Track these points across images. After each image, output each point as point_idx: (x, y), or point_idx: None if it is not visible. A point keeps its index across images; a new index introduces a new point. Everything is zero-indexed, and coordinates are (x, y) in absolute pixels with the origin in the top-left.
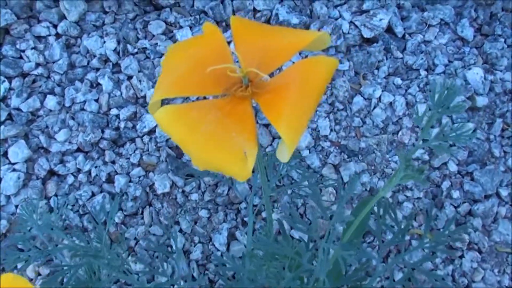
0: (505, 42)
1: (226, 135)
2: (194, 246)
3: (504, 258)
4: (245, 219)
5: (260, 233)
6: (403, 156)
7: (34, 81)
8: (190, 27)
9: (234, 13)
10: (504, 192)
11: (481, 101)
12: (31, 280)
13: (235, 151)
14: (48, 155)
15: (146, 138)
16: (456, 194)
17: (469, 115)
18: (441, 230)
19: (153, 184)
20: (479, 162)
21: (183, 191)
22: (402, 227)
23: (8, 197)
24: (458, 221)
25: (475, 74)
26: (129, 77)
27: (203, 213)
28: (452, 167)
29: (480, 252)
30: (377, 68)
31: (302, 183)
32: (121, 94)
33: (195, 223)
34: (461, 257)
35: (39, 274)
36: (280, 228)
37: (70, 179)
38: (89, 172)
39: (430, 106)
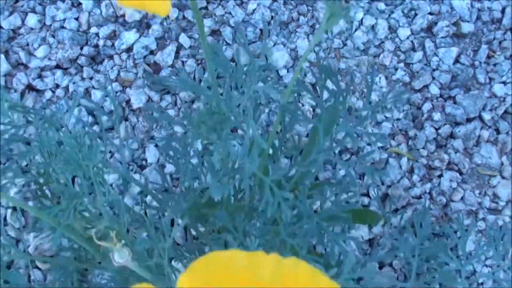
0: None
1: None
2: (168, 160)
3: (486, 180)
4: None
5: None
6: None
7: (17, 1)
8: None
9: None
10: (487, 116)
11: (467, 27)
12: None
13: None
14: (27, 70)
15: (124, 55)
16: (437, 116)
17: (454, 41)
18: (420, 150)
19: (130, 99)
20: (463, 87)
21: (159, 107)
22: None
23: None
24: (439, 142)
25: (461, 1)
26: None
27: (178, 129)
28: (434, 90)
29: (460, 173)
30: None
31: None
32: (101, 12)
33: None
34: (440, 176)
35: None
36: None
37: (48, 94)
38: (67, 87)
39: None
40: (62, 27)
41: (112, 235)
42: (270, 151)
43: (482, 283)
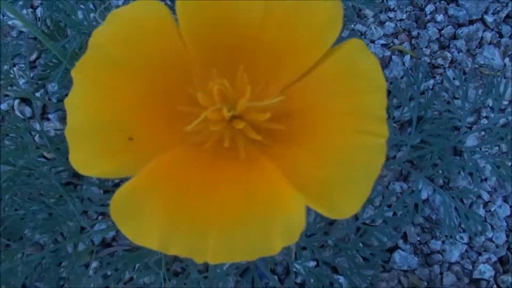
0: None
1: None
2: None
3: (489, 80)
4: None
5: None
6: None
7: None
8: None
9: None
10: (489, 19)
11: None
12: None
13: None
14: None
15: None
16: (440, 17)
17: None
18: (423, 49)
19: None
20: None
21: None
22: None
23: None
24: (442, 43)
25: None
26: None
27: None
28: None
29: (464, 72)
30: None
31: None
32: None
33: None
34: (442, 74)
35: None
36: None
37: None
38: None
39: None
40: None
41: None
42: None
43: (486, 179)
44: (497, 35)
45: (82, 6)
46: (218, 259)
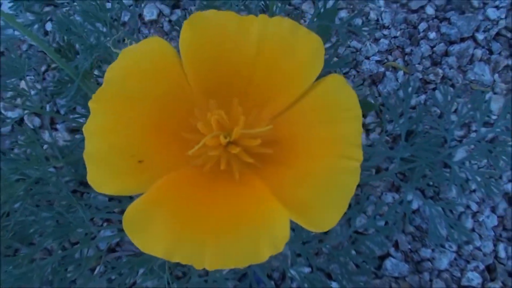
0: None
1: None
2: None
3: (477, 96)
4: None
5: None
6: None
7: None
8: None
9: None
10: (480, 36)
11: None
12: None
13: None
14: None
15: None
16: (432, 35)
17: None
18: (416, 65)
19: (142, 13)
20: (458, 9)
21: (169, 20)
22: None
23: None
24: (434, 60)
25: None
26: None
27: None
28: (430, 11)
29: (453, 87)
30: None
31: None
32: None
33: None
34: (434, 89)
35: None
36: None
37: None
38: None
39: None
40: None
41: (127, 41)
42: None
43: (474, 190)
44: (488, 52)
45: (91, 27)
46: (214, 266)
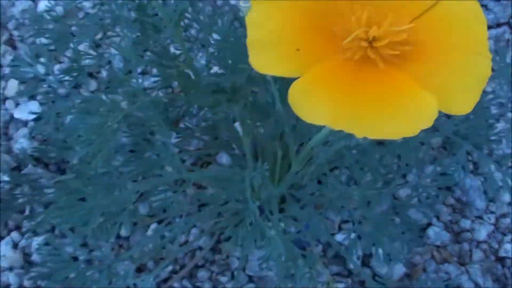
0: None
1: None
2: None
3: None
4: None
5: None
6: None
7: None
8: None
9: None
10: None
11: None
12: None
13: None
14: None
15: None
16: None
17: None
18: None
19: None
20: None
21: None
22: None
23: None
24: None
25: None
26: None
27: None
28: None
29: (492, 70)
30: None
31: None
32: None
33: None
34: None
35: None
36: None
37: None
38: None
39: None
40: None
41: None
42: None
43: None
44: None
45: None
46: (374, 135)
